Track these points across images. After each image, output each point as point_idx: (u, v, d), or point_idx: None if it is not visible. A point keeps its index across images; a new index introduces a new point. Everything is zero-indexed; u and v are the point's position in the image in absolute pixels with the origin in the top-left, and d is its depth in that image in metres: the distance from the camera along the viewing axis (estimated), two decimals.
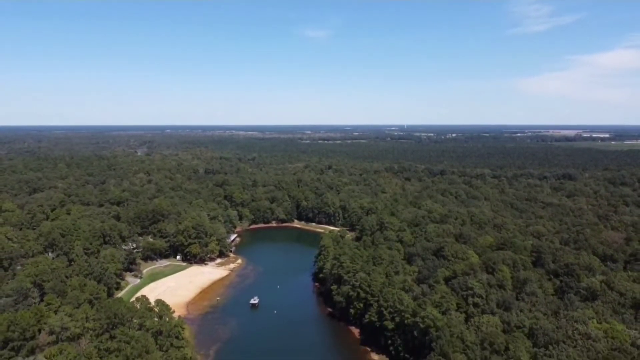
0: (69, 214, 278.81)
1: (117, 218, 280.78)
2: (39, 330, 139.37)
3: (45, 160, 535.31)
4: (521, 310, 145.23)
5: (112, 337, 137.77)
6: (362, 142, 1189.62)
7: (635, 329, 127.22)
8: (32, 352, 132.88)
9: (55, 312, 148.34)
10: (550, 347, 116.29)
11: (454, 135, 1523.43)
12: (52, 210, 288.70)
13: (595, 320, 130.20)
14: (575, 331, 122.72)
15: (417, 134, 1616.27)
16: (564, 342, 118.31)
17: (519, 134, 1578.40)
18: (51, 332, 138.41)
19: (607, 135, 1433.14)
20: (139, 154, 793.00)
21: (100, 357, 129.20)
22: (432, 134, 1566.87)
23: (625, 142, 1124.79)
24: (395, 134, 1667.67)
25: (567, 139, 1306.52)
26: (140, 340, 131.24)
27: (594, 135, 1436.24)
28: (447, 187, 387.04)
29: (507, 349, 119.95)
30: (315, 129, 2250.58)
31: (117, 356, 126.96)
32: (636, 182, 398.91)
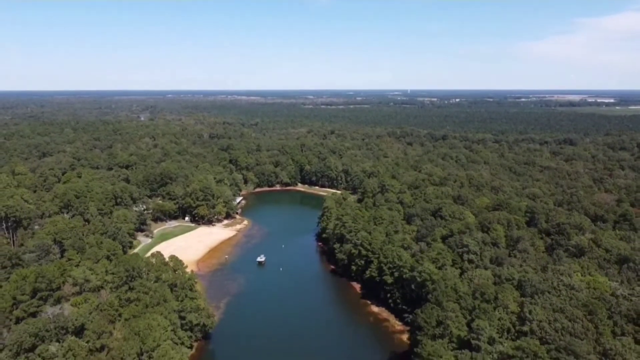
0: (79, 177, 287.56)
1: (127, 181, 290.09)
2: (63, 282, 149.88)
3: (52, 125, 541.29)
4: (512, 266, 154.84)
5: (131, 289, 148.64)
6: (364, 107, 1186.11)
7: (617, 281, 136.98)
8: (58, 301, 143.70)
9: (77, 266, 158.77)
10: (536, 297, 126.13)
11: (457, 100, 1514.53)
12: (63, 174, 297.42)
13: (579, 274, 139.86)
14: (560, 282, 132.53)
15: (420, 99, 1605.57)
16: (548, 292, 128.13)
17: (523, 99, 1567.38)
18: (74, 284, 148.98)
19: (611, 101, 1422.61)
20: (142, 119, 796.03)
21: (121, 306, 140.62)
22: (435, 99, 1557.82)
23: (630, 107, 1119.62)
24: (398, 99, 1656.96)
25: (571, 104, 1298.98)
26: (157, 291, 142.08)
27: (599, 100, 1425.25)
28: (448, 152, 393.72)
29: (496, 298, 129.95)
30: (317, 94, 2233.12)
31: (136, 305, 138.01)
32: (635, 147, 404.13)
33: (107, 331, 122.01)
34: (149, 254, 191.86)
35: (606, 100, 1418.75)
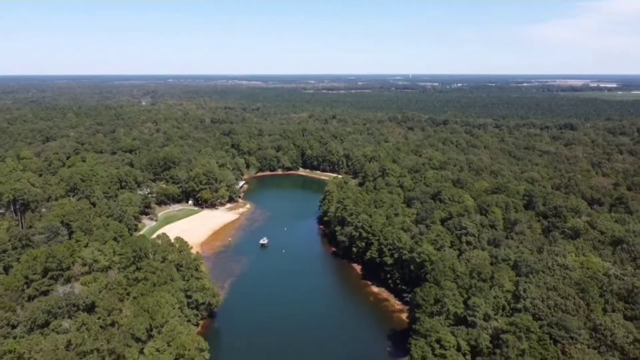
0: (84, 161, 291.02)
1: (131, 165, 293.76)
2: (73, 263, 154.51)
3: (54, 110, 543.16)
4: (509, 247, 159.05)
5: (138, 269, 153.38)
6: (366, 92, 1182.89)
7: (610, 262, 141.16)
8: (68, 280, 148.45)
9: (85, 247, 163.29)
10: (531, 276, 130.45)
11: (459, 85, 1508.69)
12: (68, 158, 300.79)
13: (573, 254, 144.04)
14: (554, 262, 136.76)
15: (422, 83, 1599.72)
16: (543, 272, 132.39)
17: (525, 84, 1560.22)
18: (84, 264, 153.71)
19: (614, 85, 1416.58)
20: (143, 103, 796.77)
21: (130, 285, 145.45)
22: (437, 84, 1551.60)
23: (632, 92, 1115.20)
24: (400, 83, 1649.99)
25: (573, 88, 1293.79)
26: (164, 270, 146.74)
27: (601, 85, 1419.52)
28: (449, 136, 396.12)
29: (492, 277, 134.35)
30: (318, 78, 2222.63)
31: (144, 284, 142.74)
32: (635, 132, 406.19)
33: (116, 308, 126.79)
34: (154, 236, 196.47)
35: (609, 85, 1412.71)
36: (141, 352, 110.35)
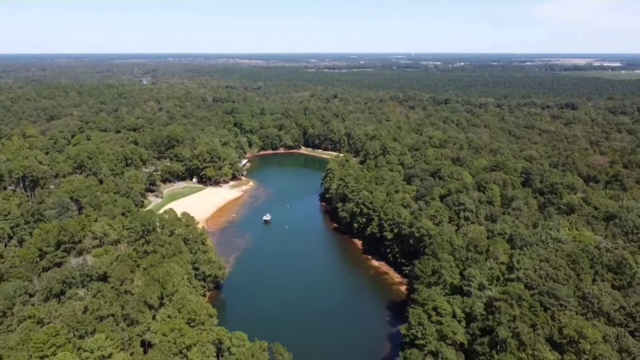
0: (89, 139, 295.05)
1: (135, 143, 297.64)
2: (84, 236, 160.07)
3: (56, 89, 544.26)
4: (505, 222, 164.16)
5: (147, 242, 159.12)
6: (367, 71, 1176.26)
7: (602, 235, 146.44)
8: (80, 253, 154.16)
9: (95, 222, 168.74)
10: (525, 249, 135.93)
11: (461, 64, 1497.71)
12: (72, 136, 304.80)
13: (567, 228, 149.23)
14: (548, 236, 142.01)
15: (424, 62, 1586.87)
16: (537, 245, 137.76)
17: (528, 63, 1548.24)
18: (94, 237, 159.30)
19: (618, 64, 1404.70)
20: (144, 82, 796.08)
21: (139, 257, 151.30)
22: (439, 63, 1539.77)
23: (636, 72, 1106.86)
24: (402, 62, 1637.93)
25: (576, 68, 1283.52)
26: (172, 243, 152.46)
27: (605, 64, 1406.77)
28: (449, 115, 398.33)
29: (488, 250, 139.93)
30: (320, 57, 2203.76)
31: (153, 256, 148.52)
32: (636, 112, 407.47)
33: (128, 278, 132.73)
34: (160, 212, 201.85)
35: (612, 64, 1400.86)
36: (153, 319, 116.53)
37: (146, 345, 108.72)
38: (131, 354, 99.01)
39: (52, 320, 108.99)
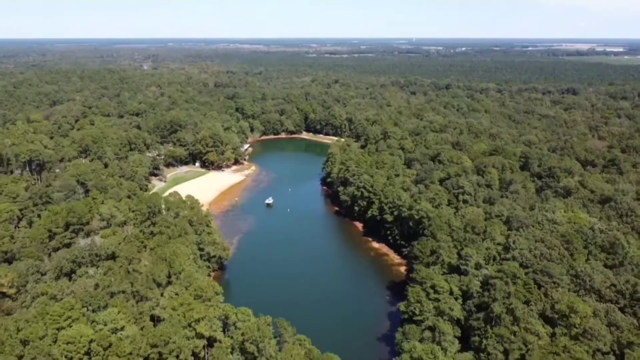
0: (92, 124, 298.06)
1: (138, 128, 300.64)
2: (92, 218, 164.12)
3: (58, 74, 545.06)
4: (503, 205, 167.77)
5: (153, 224, 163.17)
6: (369, 56, 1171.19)
7: (596, 217, 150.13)
8: (88, 234, 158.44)
9: (102, 204, 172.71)
10: (521, 230, 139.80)
11: (463, 49, 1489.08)
12: (76, 121, 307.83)
13: (562, 210, 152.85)
14: (544, 218, 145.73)
15: (426, 48, 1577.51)
16: (532, 226, 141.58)
17: (530, 48, 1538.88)
18: (102, 219, 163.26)
19: (621, 50, 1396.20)
20: (145, 68, 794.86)
21: (146, 238, 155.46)
22: (441, 48, 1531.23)
23: (638, 57, 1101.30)
24: (404, 47, 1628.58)
25: (579, 53, 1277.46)
26: (178, 225, 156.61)
27: (608, 50, 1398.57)
28: (450, 101, 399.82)
29: (485, 231, 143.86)
30: (321, 42, 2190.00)
31: (160, 237, 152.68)
32: (636, 97, 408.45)
33: (136, 258, 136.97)
34: (165, 195, 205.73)
35: (615, 50, 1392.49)
36: (162, 296, 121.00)
37: (155, 320, 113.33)
38: (141, 328, 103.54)
39: (64, 296, 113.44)
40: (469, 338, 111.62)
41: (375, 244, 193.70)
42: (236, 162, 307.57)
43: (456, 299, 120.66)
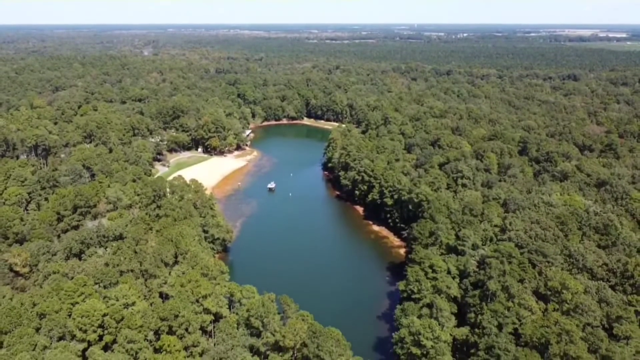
0: (95, 110, 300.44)
1: (141, 114, 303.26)
2: (98, 201, 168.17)
3: (59, 60, 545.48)
4: (500, 188, 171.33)
5: (158, 207, 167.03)
6: (370, 42, 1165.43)
7: (592, 200, 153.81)
8: (95, 217, 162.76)
9: (109, 187, 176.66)
10: (517, 212, 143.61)
11: (464, 35, 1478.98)
12: (79, 107, 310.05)
13: (558, 193, 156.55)
14: (540, 200, 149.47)
15: (427, 33, 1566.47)
16: (529, 209, 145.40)
17: (532, 34, 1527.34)
18: (108, 202, 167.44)
19: (623, 35, 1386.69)
20: (145, 54, 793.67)
21: (152, 221, 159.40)
22: (442, 34, 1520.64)
23: None
24: (405, 33, 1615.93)
25: (581, 39, 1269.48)
26: (183, 207, 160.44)
27: (610, 35, 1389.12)
28: (451, 86, 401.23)
29: (482, 213, 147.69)
30: (322, 28, 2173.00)
31: (165, 219, 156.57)
32: (637, 83, 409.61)
33: (143, 239, 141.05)
34: (169, 179, 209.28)
35: (618, 35, 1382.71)
36: (169, 275, 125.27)
37: (164, 297, 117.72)
38: (151, 304, 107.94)
39: (75, 274, 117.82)
40: (465, 314, 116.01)
41: (376, 227, 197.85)
42: (238, 147, 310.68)
43: (453, 278, 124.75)
